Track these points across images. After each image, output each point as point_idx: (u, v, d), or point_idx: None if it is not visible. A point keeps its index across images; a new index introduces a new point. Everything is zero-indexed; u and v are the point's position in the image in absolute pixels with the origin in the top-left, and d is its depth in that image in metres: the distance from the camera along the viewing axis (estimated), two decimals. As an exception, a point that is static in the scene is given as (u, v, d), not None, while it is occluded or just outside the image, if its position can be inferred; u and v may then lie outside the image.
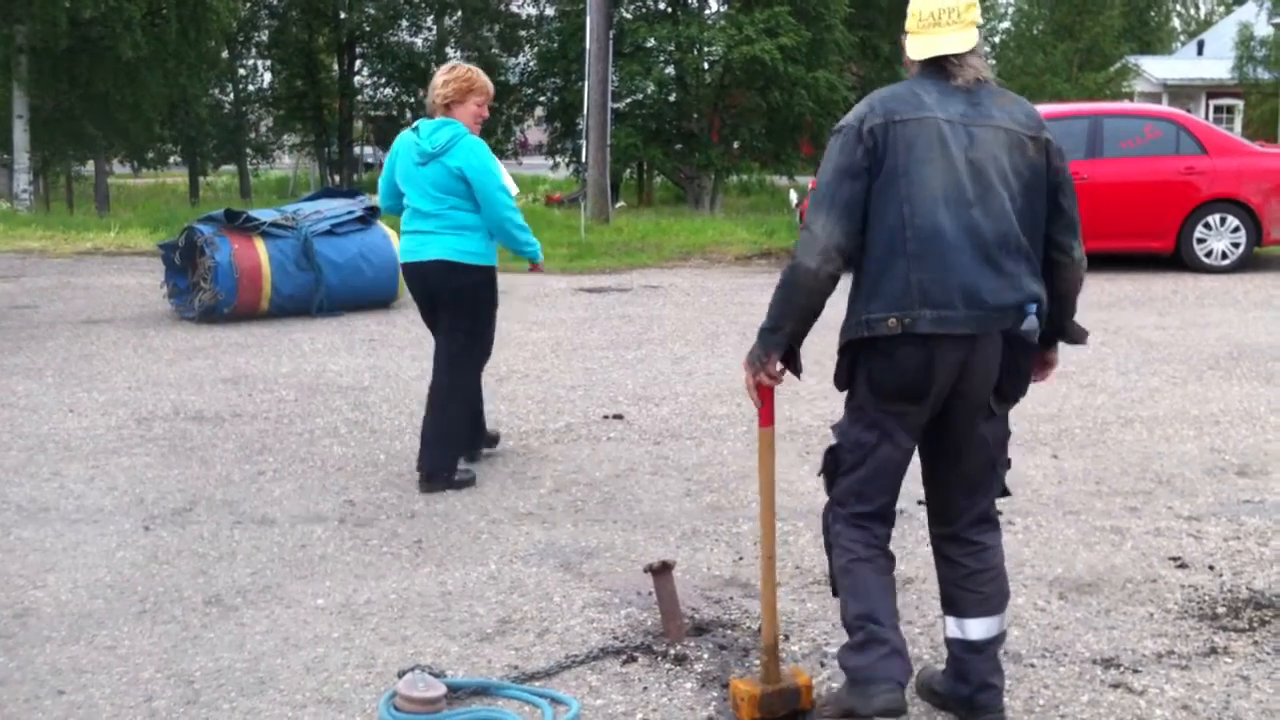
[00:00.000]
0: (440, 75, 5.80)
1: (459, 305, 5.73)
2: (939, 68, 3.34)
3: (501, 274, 11.75)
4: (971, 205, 3.20)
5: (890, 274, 3.22)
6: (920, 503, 5.41)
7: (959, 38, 3.30)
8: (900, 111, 3.24)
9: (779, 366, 3.40)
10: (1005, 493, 3.57)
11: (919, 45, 3.36)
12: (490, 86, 5.81)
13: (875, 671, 3.25)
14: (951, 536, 3.49)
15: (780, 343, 3.37)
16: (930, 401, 3.28)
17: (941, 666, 3.59)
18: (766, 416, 3.50)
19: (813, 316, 3.37)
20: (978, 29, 3.34)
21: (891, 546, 3.49)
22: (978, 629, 3.41)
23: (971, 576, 3.43)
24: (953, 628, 3.47)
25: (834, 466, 3.47)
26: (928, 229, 3.19)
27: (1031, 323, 3.25)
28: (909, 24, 3.41)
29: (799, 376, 3.53)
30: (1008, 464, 3.56)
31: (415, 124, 5.80)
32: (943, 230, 3.18)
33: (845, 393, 3.47)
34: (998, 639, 3.44)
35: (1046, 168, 3.32)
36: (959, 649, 3.44)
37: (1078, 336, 3.65)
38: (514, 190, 5.90)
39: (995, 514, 3.51)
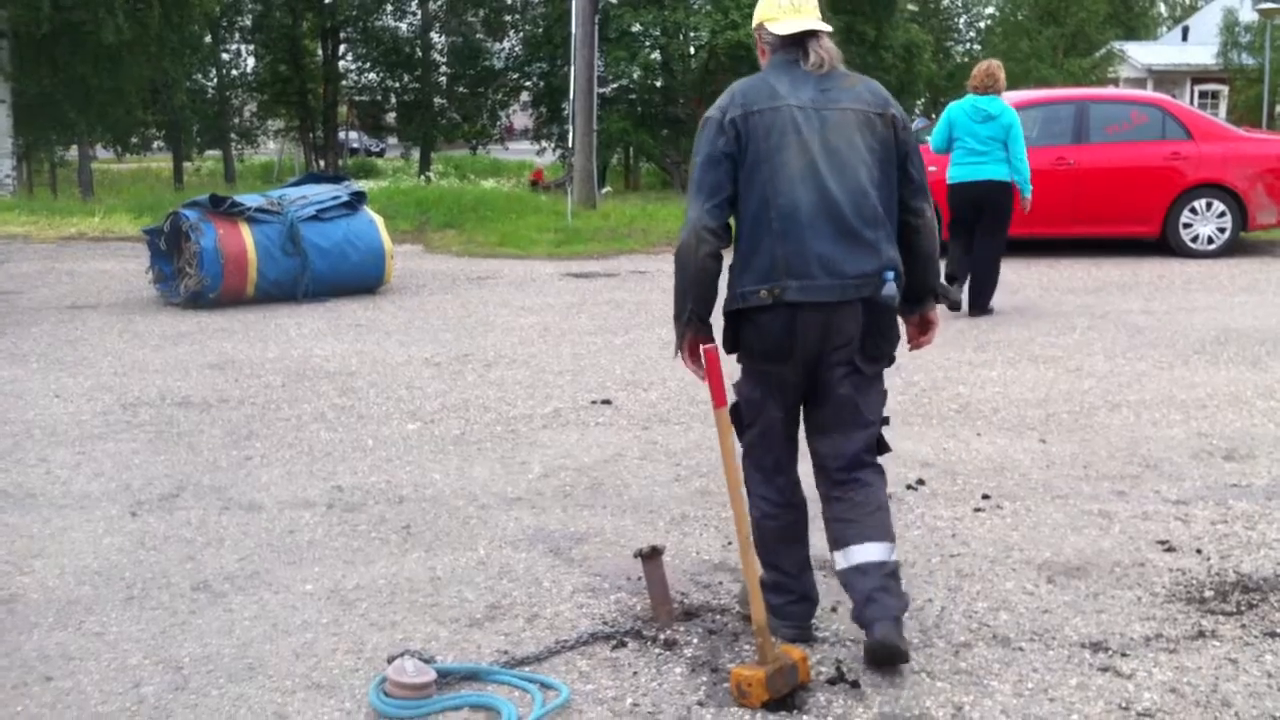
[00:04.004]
0: None
1: None
2: (795, 53, 3.71)
3: (488, 259, 11.61)
4: (827, 183, 3.56)
5: (759, 250, 3.61)
6: (909, 487, 5.45)
7: (812, 18, 3.72)
8: (757, 103, 3.62)
9: (711, 345, 3.63)
10: (885, 448, 3.86)
11: (785, 25, 3.73)
12: None
13: (781, 613, 3.80)
14: (831, 480, 3.78)
15: (690, 324, 3.72)
16: (798, 361, 3.64)
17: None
18: (719, 398, 3.54)
19: (708, 295, 3.70)
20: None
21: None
22: (861, 553, 3.66)
23: (853, 508, 3.71)
24: (840, 560, 3.72)
25: (738, 422, 3.84)
26: (788, 208, 3.57)
27: (890, 288, 3.59)
28: (764, 14, 3.80)
29: (729, 353, 3.78)
30: (885, 421, 3.85)
31: None
32: (801, 208, 3.56)
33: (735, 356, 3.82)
34: (884, 564, 3.64)
35: (894, 141, 3.67)
36: (847, 576, 3.69)
37: (949, 295, 3.99)
38: None
39: (874, 460, 3.80)
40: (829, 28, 3.74)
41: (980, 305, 9.67)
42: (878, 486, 3.76)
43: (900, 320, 3.83)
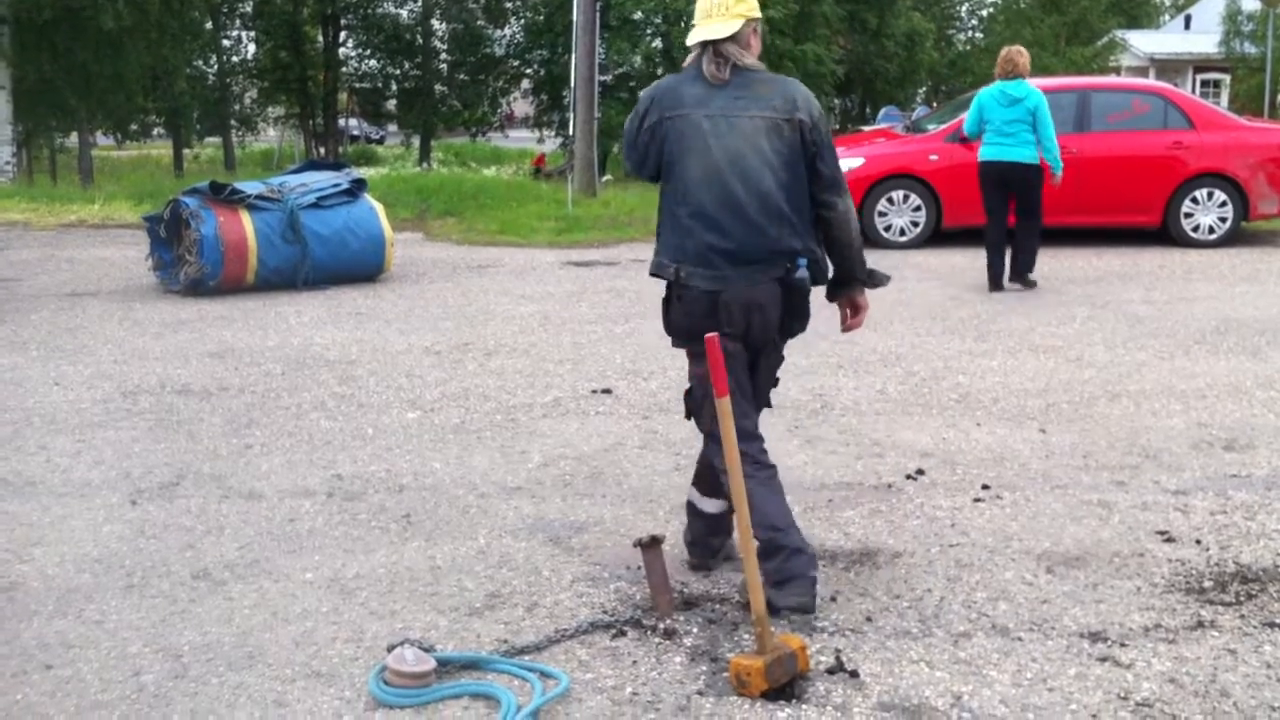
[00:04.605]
0: None
1: None
2: (703, 56, 4.06)
3: (488, 248, 11.63)
4: (731, 186, 3.94)
5: (674, 239, 4.05)
6: (908, 477, 5.45)
7: (721, 26, 4.00)
8: (671, 109, 4.03)
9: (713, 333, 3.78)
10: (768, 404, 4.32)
11: (692, 35, 4.09)
12: None
13: (788, 571, 3.96)
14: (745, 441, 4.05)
15: None
16: (737, 337, 4.02)
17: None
18: (721, 386, 3.55)
19: None
20: (748, 20, 4.03)
21: (886, 520, 3.53)
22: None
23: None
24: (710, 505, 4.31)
25: (695, 403, 4.25)
26: (695, 205, 3.97)
27: (802, 273, 4.00)
28: (695, 19, 4.12)
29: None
30: (775, 382, 4.30)
31: None
32: (707, 209, 3.96)
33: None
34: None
35: (801, 143, 3.98)
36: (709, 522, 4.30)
37: (878, 280, 4.25)
38: None
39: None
40: (730, 31, 3.99)
41: (1019, 275, 10.36)
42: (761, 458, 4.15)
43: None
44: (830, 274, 4.22)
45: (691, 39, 4.08)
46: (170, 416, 6.44)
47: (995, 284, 10.31)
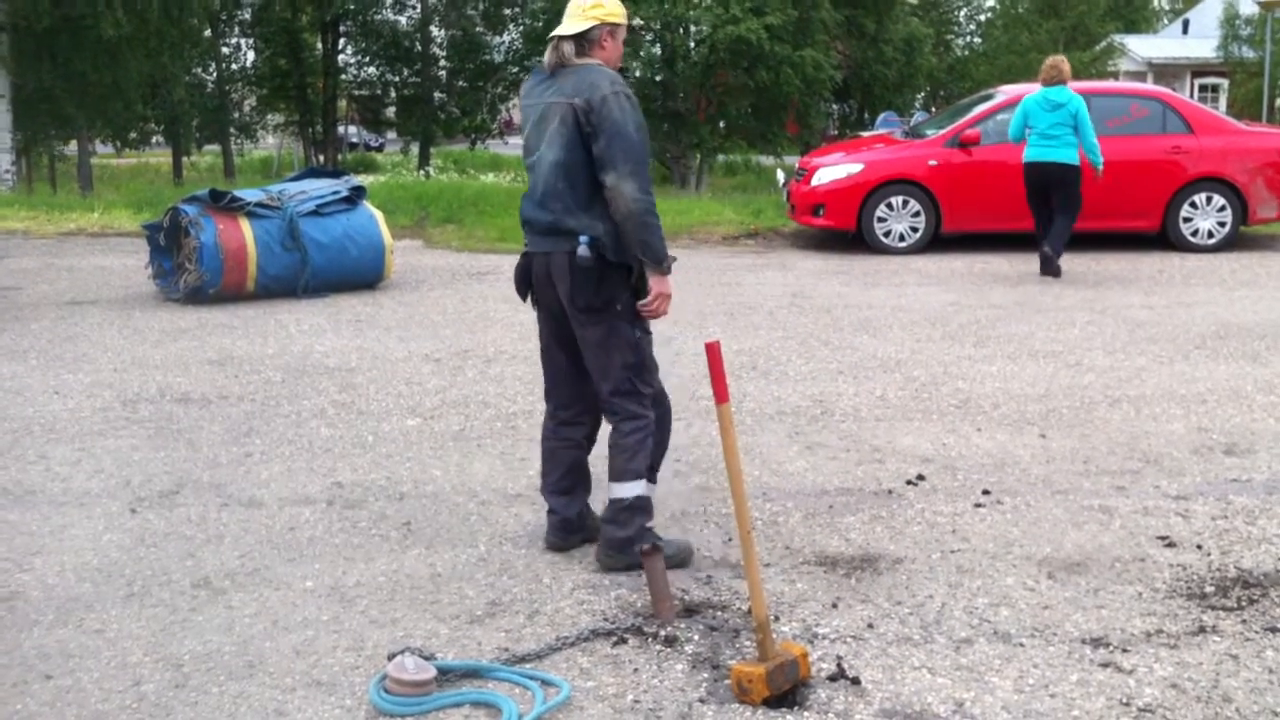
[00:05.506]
0: None
1: None
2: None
3: (488, 254, 11.63)
4: (532, 163, 4.45)
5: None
6: (909, 483, 5.45)
7: (569, 25, 4.38)
8: (522, 96, 4.56)
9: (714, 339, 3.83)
10: (641, 394, 4.47)
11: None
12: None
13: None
14: (547, 400, 4.71)
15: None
16: (536, 303, 4.54)
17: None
18: (721, 393, 3.53)
19: None
20: (602, 23, 4.36)
21: (887, 526, 3.51)
22: (611, 489, 4.45)
23: (611, 447, 4.46)
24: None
25: None
26: (528, 179, 4.52)
27: (583, 250, 4.28)
28: None
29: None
30: (631, 367, 4.42)
31: None
32: (530, 184, 4.51)
33: None
34: (619, 500, 4.41)
35: (577, 124, 4.29)
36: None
37: (650, 255, 4.33)
38: None
39: (621, 405, 4.42)
40: (573, 30, 4.35)
41: (1049, 263, 11.21)
42: (622, 430, 4.44)
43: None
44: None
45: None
46: (170, 425, 6.44)
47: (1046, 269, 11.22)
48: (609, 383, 4.42)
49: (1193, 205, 12.90)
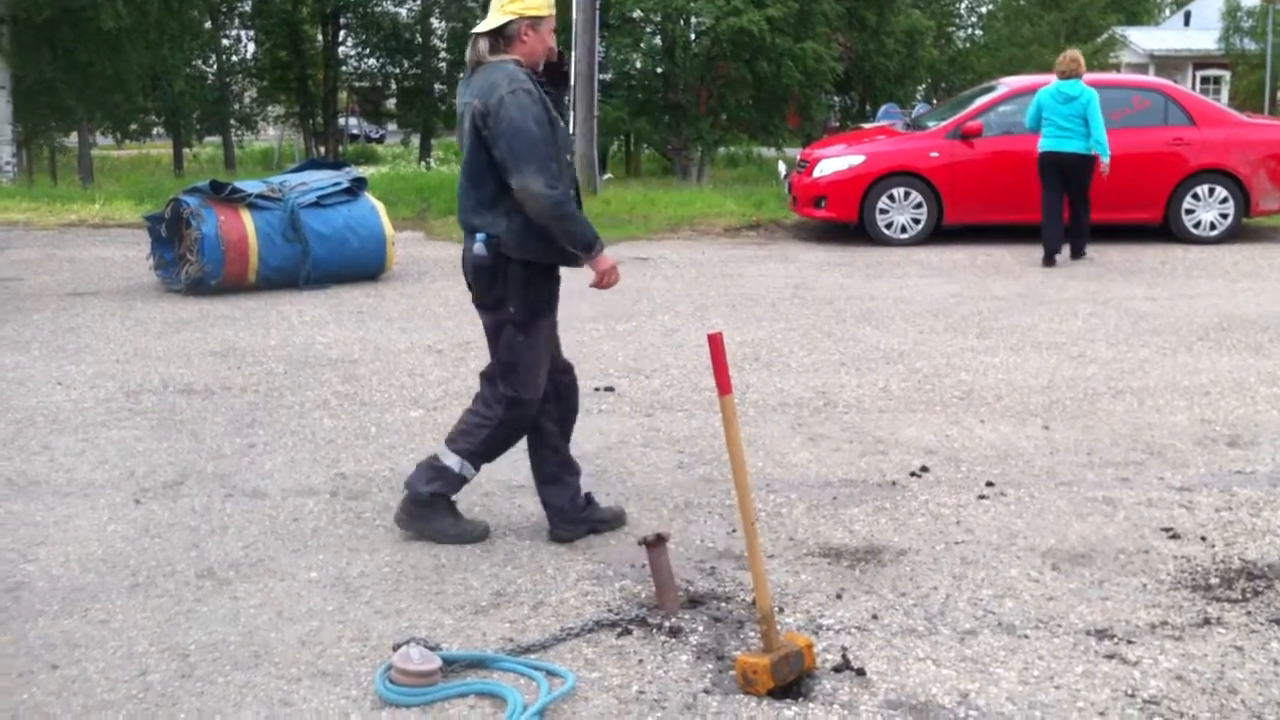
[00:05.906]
0: None
1: None
2: None
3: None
4: (462, 164, 4.50)
5: None
6: (913, 474, 5.45)
7: (486, 21, 4.39)
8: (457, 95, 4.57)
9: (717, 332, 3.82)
10: (506, 390, 4.58)
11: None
12: None
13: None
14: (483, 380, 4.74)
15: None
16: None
17: None
18: (724, 384, 3.54)
19: None
20: (521, 17, 4.33)
21: (890, 518, 3.50)
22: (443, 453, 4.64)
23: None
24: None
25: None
26: None
27: (479, 247, 4.42)
28: None
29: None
30: (503, 364, 4.54)
31: None
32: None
33: None
34: (433, 459, 4.64)
35: (476, 127, 4.34)
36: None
37: (578, 244, 4.43)
38: None
39: (492, 391, 4.60)
40: (488, 26, 4.36)
41: (1077, 252, 11.70)
42: (474, 408, 4.65)
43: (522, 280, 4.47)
44: (534, 251, 4.44)
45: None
46: (173, 416, 6.44)
47: (1049, 260, 11.40)
48: (490, 363, 4.63)
49: (1195, 197, 12.88)
